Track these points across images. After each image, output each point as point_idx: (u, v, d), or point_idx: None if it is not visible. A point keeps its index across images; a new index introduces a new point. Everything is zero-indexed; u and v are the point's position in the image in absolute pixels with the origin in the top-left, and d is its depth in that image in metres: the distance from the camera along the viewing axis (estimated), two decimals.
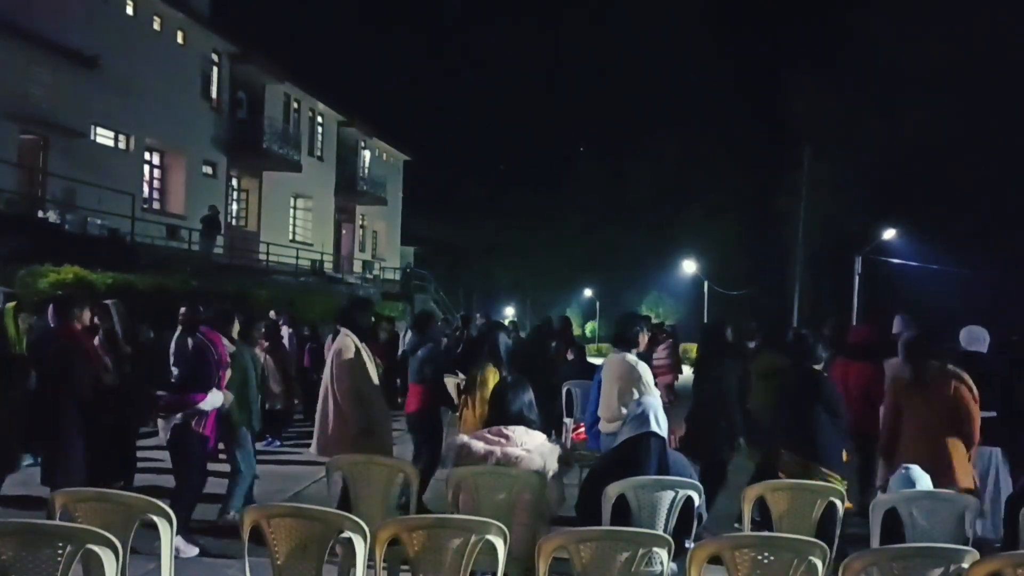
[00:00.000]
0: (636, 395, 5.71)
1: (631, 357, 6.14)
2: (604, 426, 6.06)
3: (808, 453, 5.38)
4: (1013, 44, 32.84)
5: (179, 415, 5.79)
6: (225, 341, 6.22)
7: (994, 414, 6.33)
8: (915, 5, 35.08)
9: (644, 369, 6.09)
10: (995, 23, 34.21)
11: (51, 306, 6.76)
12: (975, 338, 6.74)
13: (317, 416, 6.20)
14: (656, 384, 6.46)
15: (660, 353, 11.53)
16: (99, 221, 18.14)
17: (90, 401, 6.17)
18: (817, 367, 5.78)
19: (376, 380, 6.25)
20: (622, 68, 51.76)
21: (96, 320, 6.99)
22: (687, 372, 10.94)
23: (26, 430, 6.38)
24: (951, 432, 5.47)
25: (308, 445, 9.79)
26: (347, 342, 6.09)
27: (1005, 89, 35.16)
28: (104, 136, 21.03)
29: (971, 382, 5.54)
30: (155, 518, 3.60)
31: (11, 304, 6.62)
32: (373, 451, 6.07)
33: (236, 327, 6.57)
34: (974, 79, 35.76)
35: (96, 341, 6.83)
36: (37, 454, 6.85)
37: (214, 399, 5.87)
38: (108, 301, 7.43)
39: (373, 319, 6.13)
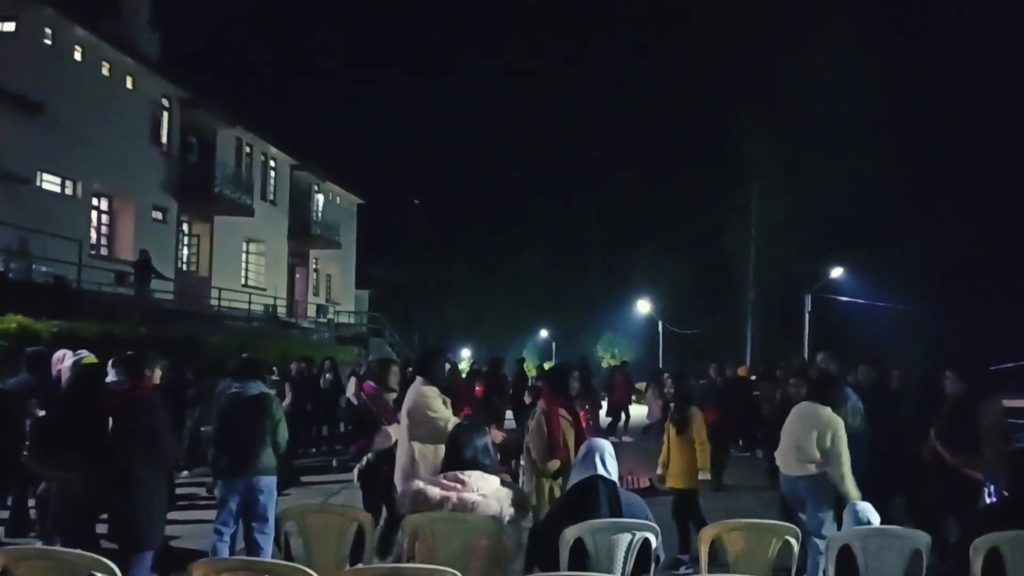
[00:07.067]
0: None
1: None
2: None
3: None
4: (954, 86, 34.19)
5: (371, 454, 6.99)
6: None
7: None
8: (860, 49, 36.26)
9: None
10: (937, 67, 35.65)
11: (117, 362, 7.32)
12: None
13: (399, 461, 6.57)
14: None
15: None
16: (44, 268, 17.76)
17: (172, 460, 6.11)
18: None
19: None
20: (573, 110, 52.59)
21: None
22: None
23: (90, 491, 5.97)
24: None
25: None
26: (425, 390, 6.58)
27: (947, 131, 36.62)
28: (50, 182, 20.66)
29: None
30: (98, 575, 3.48)
31: None
32: None
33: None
34: (918, 121, 37.14)
35: None
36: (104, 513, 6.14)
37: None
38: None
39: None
